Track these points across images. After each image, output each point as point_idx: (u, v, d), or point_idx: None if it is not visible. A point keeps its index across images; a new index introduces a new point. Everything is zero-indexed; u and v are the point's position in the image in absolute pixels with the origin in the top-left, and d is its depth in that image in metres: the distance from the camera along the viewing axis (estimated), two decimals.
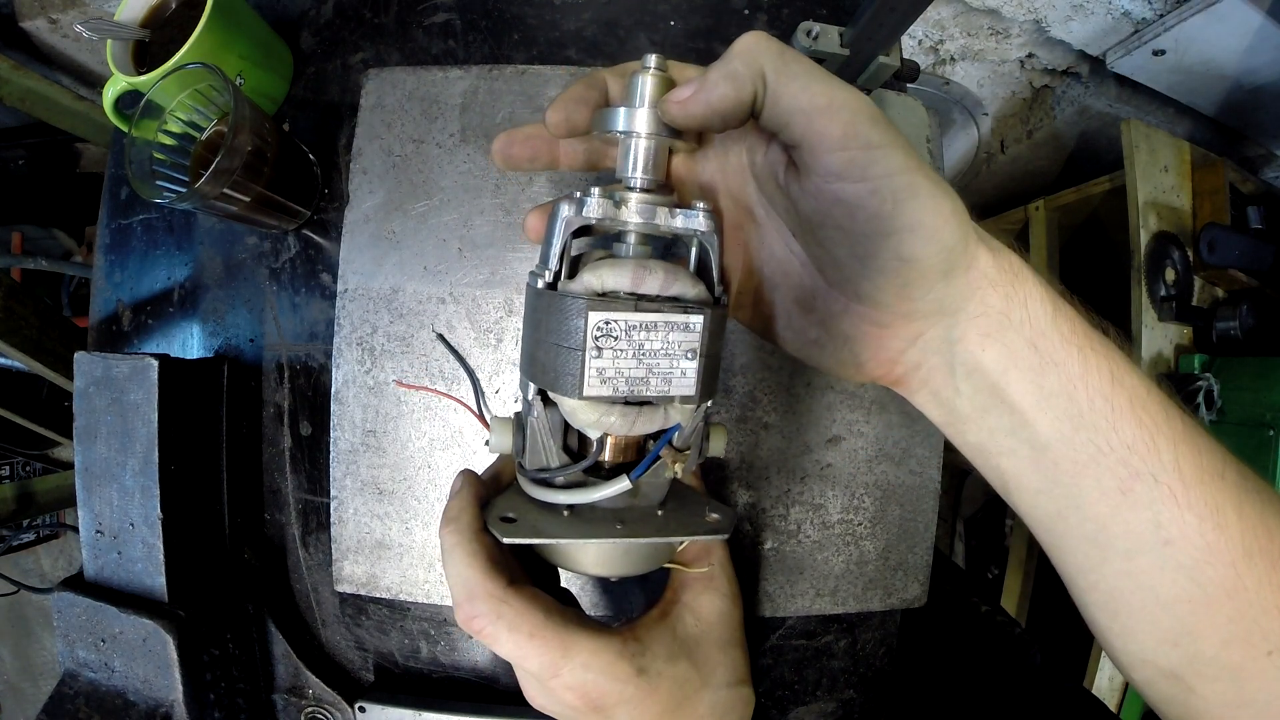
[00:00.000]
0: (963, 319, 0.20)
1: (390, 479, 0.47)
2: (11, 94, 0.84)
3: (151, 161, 0.43)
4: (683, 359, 0.22)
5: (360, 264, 0.47)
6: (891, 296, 0.20)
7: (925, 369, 0.21)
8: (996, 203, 1.42)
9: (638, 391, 0.22)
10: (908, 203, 0.18)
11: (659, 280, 0.22)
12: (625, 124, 0.22)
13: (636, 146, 0.23)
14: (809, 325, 0.24)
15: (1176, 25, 0.91)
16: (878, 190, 0.18)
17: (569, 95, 0.23)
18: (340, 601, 0.49)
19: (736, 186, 0.26)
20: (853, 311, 0.22)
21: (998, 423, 0.20)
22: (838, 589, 0.48)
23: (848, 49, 0.34)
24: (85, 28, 0.44)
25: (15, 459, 1.26)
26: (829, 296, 0.22)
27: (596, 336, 0.21)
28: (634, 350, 0.22)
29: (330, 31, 0.53)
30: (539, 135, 0.25)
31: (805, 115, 0.19)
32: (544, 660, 0.21)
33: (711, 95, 0.20)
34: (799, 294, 0.24)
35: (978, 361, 0.20)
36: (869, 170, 0.18)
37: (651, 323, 0.21)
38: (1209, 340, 0.94)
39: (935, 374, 0.21)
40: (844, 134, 0.19)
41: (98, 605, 0.42)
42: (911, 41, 1.06)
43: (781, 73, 0.19)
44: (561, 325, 0.22)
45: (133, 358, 0.43)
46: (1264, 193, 1.00)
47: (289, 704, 0.49)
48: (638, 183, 0.23)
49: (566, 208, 0.22)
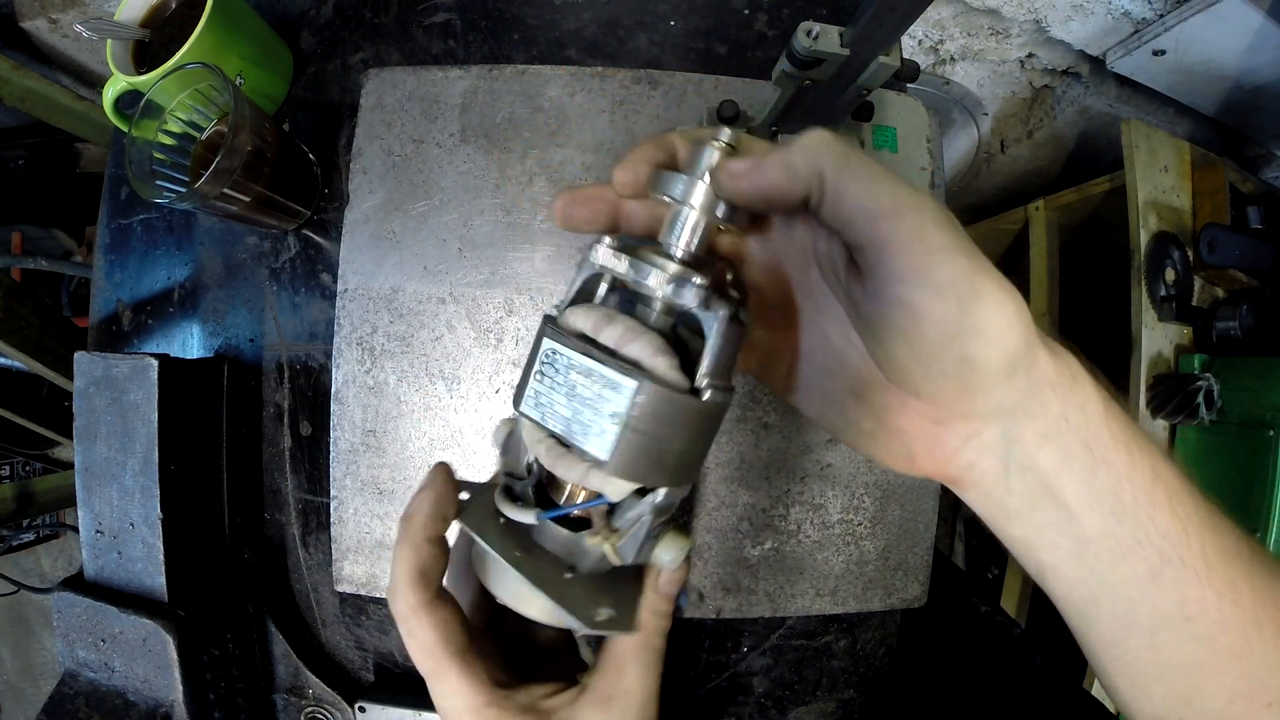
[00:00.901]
0: (1021, 420, 0.20)
1: (390, 479, 0.47)
2: (11, 94, 0.84)
3: (151, 161, 0.43)
4: (605, 419, 0.21)
5: (360, 264, 0.47)
6: (953, 397, 0.20)
7: (979, 469, 0.22)
8: (996, 203, 1.42)
9: (560, 430, 0.22)
10: (973, 307, 0.18)
11: (616, 334, 0.21)
12: (679, 191, 0.22)
13: (682, 215, 0.22)
14: (863, 417, 0.24)
15: (1176, 25, 0.91)
16: (943, 295, 0.18)
17: (637, 155, 0.23)
18: (340, 601, 0.49)
19: (798, 269, 0.25)
20: (910, 407, 0.22)
21: (1045, 519, 0.21)
22: (838, 589, 0.48)
23: (848, 49, 0.34)
24: (85, 28, 0.44)
25: (15, 459, 1.26)
26: (885, 390, 0.22)
27: (543, 361, 0.22)
28: (567, 389, 0.21)
29: (330, 31, 0.53)
30: (601, 196, 0.25)
31: (868, 218, 0.19)
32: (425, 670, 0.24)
33: (762, 180, 0.21)
34: (854, 384, 0.24)
35: (1033, 461, 0.21)
36: (933, 275, 0.18)
37: (586, 368, 0.21)
38: (1209, 340, 0.94)
39: (988, 474, 0.22)
40: (908, 239, 0.18)
41: (98, 605, 0.43)
42: (911, 41, 1.06)
43: (844, 174, 0.19)
44: (535, 344, 0.23)
45: (133, 358, 0.43)
46: (1264, 193, 1.00)
47: (289, 704, 0.49)
48: (669, 248, 0.23)
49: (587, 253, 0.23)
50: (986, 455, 0.21)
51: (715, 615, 0.48)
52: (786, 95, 0.40)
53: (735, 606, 0.48)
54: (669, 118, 0.49)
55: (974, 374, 0.19)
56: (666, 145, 0.24)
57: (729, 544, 0.48)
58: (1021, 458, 0.21)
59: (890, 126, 0.47)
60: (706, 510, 0.48)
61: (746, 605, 0.48)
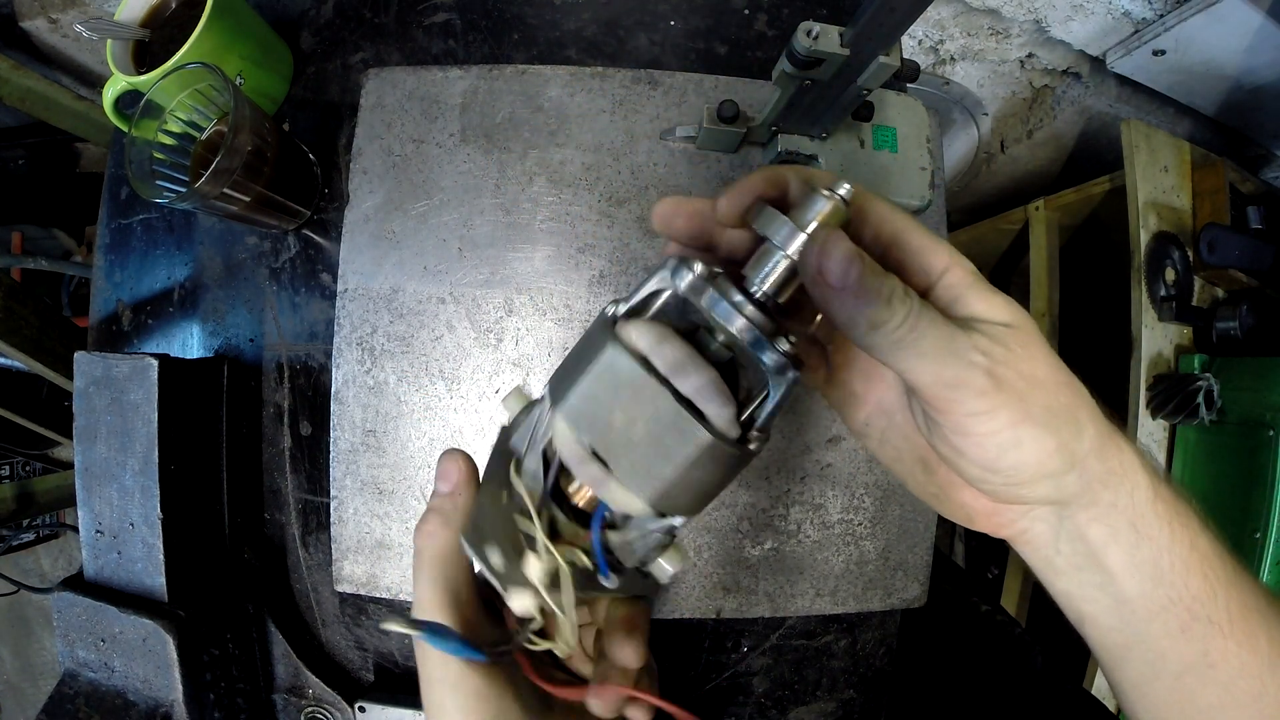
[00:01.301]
0: (1075, 505, 0.23)
1: (390, 479, 0.47)
2: (11, 94, 0.84)
3: (151, 161, 0.43)
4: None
5: (360, 264, 0.47)
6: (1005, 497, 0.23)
7: (1032, 533, 0.25)
8: (996, 203, 1.42)
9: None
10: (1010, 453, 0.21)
11: (693, 385, 0.21)
12: (779, 237, 0.22)
13: (774, 260, 0.22)
14: (929, 483, 0.26)
15: (1176, 25, 0.91)
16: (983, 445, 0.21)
17: (745, 186, 0.23)
18: (340, 601, 0.49)
19: None
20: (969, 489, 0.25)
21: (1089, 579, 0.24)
22: (838, 589, 0.48)
23: (848, 49, 0.34)
24: (85, 27, 0.44)
25: (15, 459, 1.26)
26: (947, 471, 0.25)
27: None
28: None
29: (330, 31, 0.53)
30: (703, 213, 0.25)
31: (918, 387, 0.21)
32: None
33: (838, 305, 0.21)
34: (923, 456, 0.26)
35: (1082, 534, 0.23)
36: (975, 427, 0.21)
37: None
38: (1209, 340, 0.94)
39: (1040, 538, 0.25)
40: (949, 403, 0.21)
41: (98, 605, 0.43)
42: (911, 41, 1.06)
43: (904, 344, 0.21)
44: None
45: (133, 358, 0.43)
46: (1264, 193, 1.00)
47: (289, 704, 0.49)
48: (751, 284, 0.22)
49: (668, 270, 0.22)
50: (1039, 524, 0.24)
51: (715, 615, 0.48)
52: (786, 95, 0.40)
53: (735, 606, 0.48)
54: (669, 118, 0.49)
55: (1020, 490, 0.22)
56: (778, 181, 0.24)
57: (729, 544, 0.48)
58: (1072, 530, 0.24)
59: (890, 126, 0.47)
60: (706, 510, 0.47)
61: (746, 605, 0.48)
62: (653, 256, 0.48)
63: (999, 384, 0.20)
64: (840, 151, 0.46)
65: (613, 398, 0.21)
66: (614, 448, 0.21)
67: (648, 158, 0.48)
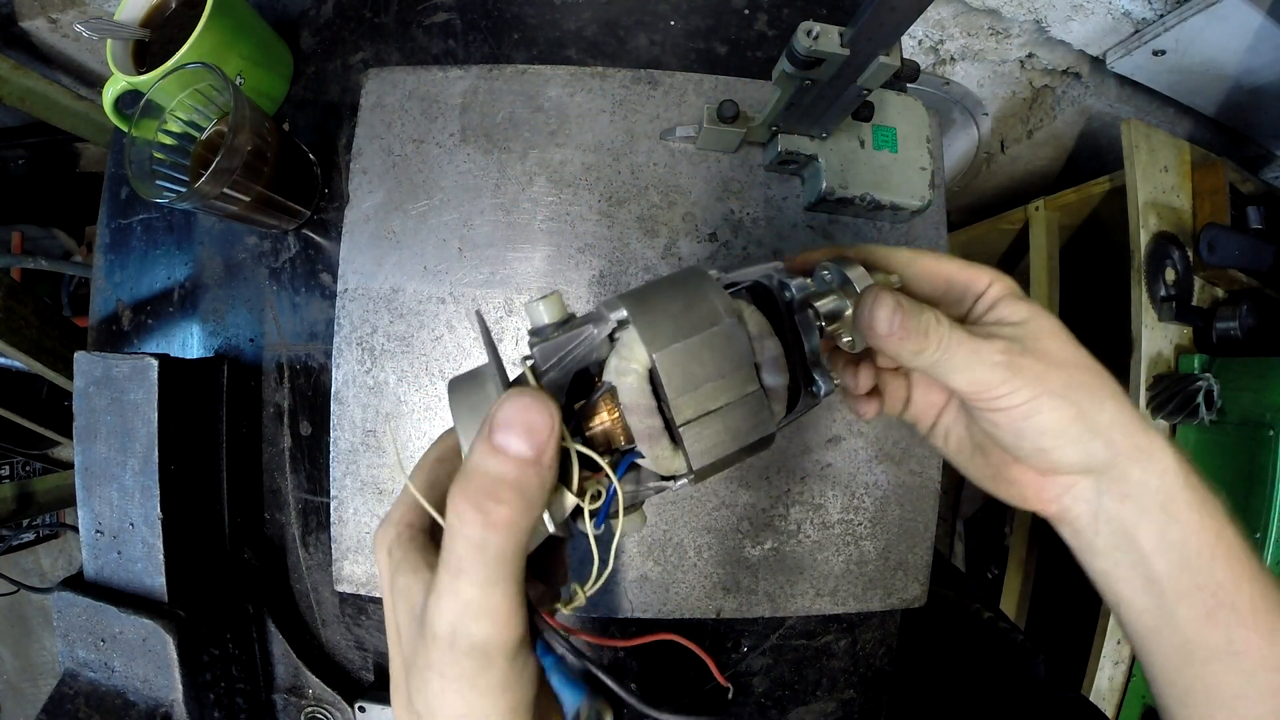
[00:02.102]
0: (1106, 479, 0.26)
1: (390, 479, 0.47)
2: (11, 94, 0.84)
3: (151, 161, 0.43)
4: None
5: (360, 264, 0.47)
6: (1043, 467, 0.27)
7: (1074, 512, 0.28)
8: (996, 203, 1.42)
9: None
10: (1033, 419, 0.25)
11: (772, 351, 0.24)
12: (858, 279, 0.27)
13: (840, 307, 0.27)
14: (985, 465, 0.30)
15: (1176, 25, 0.91)
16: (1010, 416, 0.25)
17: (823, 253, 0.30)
18: (340, 601, 0.49)
19: None
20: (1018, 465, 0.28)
21: (1123, 558, 0.27)
22: (838, 589, 0.48)
23: (848, 49, 0.34)
24: (85, 27, 0.44)
25: (15, 459, 1.26)
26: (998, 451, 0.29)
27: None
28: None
29: (330, 31, 0.53)
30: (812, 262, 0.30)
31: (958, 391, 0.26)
32: None
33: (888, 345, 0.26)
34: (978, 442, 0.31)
35: (1118, 513, 0.26)
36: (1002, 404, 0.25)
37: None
38: (1209, 340, 0.94)
39: (1081, 517, 0.27)
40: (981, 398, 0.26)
41: (98, 605, 0.43)
42: (911, 41, 1.06)
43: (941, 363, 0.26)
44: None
45: (133, 358, 0.43)
46: (1264, 193, 1.00)
47: (289, 704, 0.49)
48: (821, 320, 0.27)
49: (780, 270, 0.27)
50: (1080, 503, 0.27)
51: (715, 615, 0.48)
52: (786, 95, 0.40)
53: (735, 606, 0.48)
54: (669, 118, 0.49)
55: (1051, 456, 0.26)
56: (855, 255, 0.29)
57: (729, 544, 0.48)
58: (1109, 508, 0.26)
59: (890, 126, 0.47)
60: (706, 510, 0.48)
61: (746, 605, 0.48)
62: (652, 256, 0.48)
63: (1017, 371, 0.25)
64: (840, 151, 0.46)
65: (710, 365, 0.22)
66: (684, 409, 0.22)
67: (648, 158, 0.48)
